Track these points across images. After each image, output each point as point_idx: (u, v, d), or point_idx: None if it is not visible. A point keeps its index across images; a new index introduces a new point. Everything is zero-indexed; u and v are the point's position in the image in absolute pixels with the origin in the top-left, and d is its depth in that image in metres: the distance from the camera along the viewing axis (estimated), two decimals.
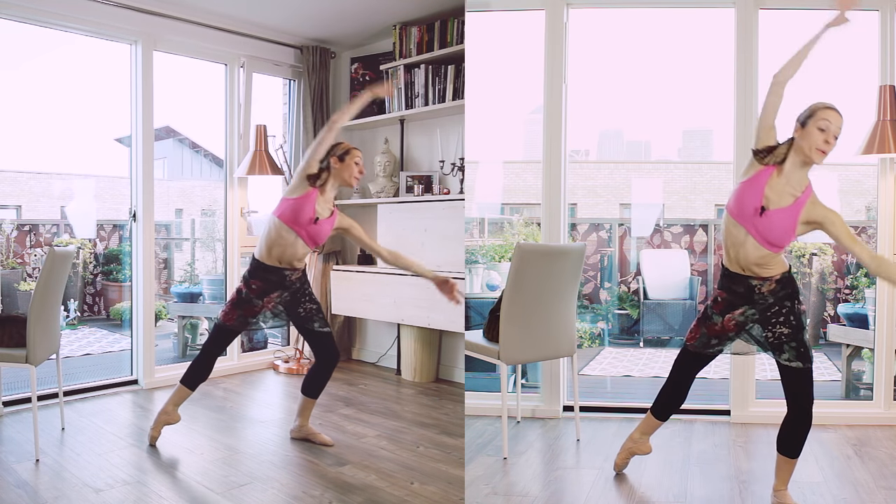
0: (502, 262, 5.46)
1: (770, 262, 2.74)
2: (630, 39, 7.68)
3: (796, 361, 2.74)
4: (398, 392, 4.53)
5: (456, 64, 4.55)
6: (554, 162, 4.11)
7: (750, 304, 2.81)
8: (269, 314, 3.43)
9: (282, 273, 3.35)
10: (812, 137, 2.62)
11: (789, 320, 2.76)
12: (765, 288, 2.76)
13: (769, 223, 2.66)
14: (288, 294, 3.40)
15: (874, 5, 3.92)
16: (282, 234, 3.27)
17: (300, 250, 3.32)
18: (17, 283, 6.67)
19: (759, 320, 2.82)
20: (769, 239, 2.68)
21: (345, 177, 3.30)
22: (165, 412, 3.49)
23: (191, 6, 4.56)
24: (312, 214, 3.25)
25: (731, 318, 2.86)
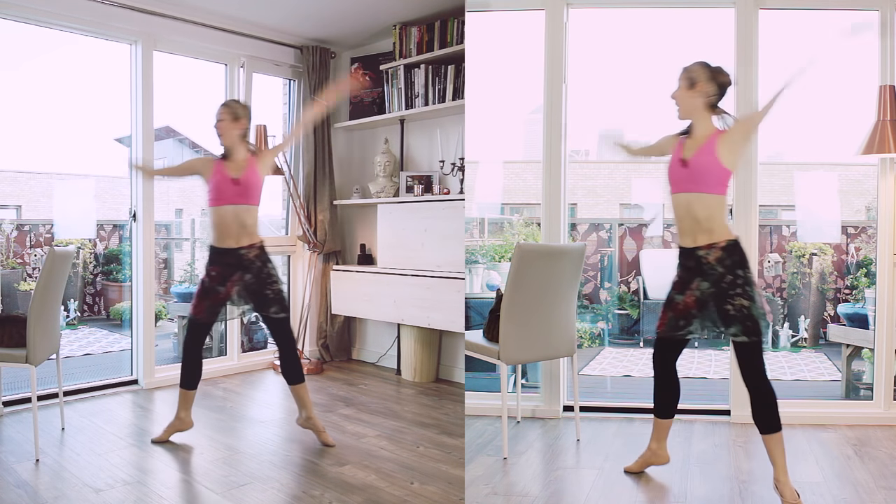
0: (502, 262, 5.46)
1: (717, 221, 2.84)
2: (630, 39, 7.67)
3: (742, 336, 2.82)
4: (398, 392, 4.53)
5: (456, 64, 4.55)
6: (554, 162, 4.11)
7: (702, 276, 2.89)
8: (236, 299, 3.40)
9: (237, 254, 3.36)
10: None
11: (746, 292, 2.82)
12: (711, 256, 2.85)
13: (696, 167, 2.85)
14: (251, 275, 3.39)
15: (874, 5, 3.92)
16: (218, 213, 3.34)
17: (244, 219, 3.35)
18: (17, 283, 6.68)
19: (716, 294, 2.86)
20: (702, 180, 2.84)
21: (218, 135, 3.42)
22: (179, 419, 3.53)
23: (191, 6, 4.56)
24: (229, 179, 3.32)
25: (690, 293, 2.93)
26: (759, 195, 4.03)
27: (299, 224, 5.28)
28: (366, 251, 5.28)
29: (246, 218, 3.37)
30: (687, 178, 2.88)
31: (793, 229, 7.47)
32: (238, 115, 3.41)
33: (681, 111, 2.94)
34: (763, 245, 7.32)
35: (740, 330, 2.82)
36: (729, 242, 2.85)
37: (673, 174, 2.94)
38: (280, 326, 3.45)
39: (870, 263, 6.57)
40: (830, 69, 5.28)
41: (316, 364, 5.09)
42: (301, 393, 3.51)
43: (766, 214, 8.87)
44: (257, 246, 3.41)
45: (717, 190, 2.85)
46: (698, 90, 2.88)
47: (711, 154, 2.84)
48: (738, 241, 2.87)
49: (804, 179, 8.90)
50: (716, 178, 2.84)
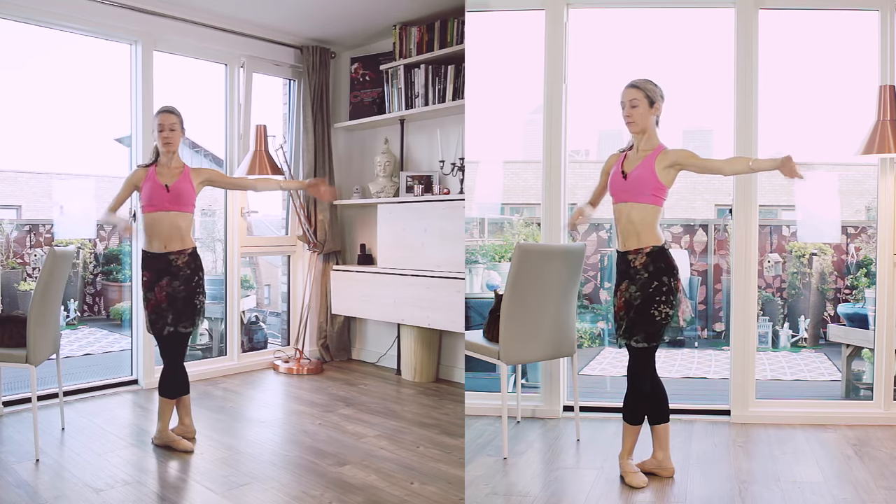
0: (502, 262, 5.46)
1: (646, 230, 2.99)
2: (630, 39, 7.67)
3: (643, 343, 3.01)
4: (398, 392, 4.53)
5: (456, 64, 4.55)
6: (554, 162, 4.11)
7: (630, 280, 3.02)
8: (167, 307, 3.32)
9: (166, 259, 3.35)
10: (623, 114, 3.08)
11: (670, 300, 2.97)
12: (637, 262, 3.00)
13: (634, 179, 3.02)
14: (179, 283, 3.35)
15: (874, 5, 3.92)
16: (149, 218, 3.35)
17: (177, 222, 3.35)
18: (17, 283, 6.67)
19: (642, 297, 2.98)
20: (640, 191, 3.00)
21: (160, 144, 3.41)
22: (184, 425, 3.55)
23: (191, 6, 4.56)
24: (160, 186, 3.34)
25: (621, 295, 3.07)
26: (759, 195, 4.03)
27: (299, 224, 5.28)
28: (366, 251, 5.28)
29: (178, 221, 3.37)
30: (625, 189, 3.05)
31: (793, 229, 7.47)
32: (181, 124, 3.45)
33: (637, 126, 3.06)
34: (763, 245, 7.32)
35: (642, 337, 3.00)
36: (654, 248, 3.00)
37: (614, 186, 3.11)
38: (183, 340, 3.43)
39: (870, 263, 6.57)
40: (830, 69, 5.27)
41: (316, 364, 5.09)
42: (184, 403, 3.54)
43: (766, 214, 8.87)
44: (188, 252, 3.39)
45: (652, 201, 3.02)
46: (655, 108, 3.06)
47: (650, 169, 3.01)
48: (663, 247, 3.03)
49: (804, 179, 8.89)
50: (651, 189, 3.00)
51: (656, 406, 3.18)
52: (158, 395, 3.48)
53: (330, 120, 5.33)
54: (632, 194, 3.03)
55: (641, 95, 3.04)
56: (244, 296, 5.52)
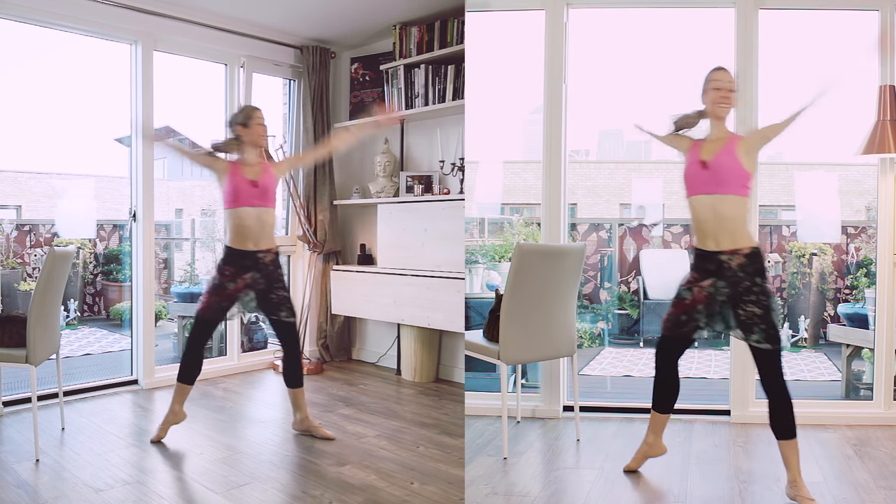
0: (502, 262, 5.46)
1: (741, 225, 2.86)
2: (630, 39, 7.68)
3: (766, 343, 2.84)
4: (398, 392, 4.53)
5: (456, 64, 4.55)
6: (554, 162, 4.11)
7: (719, 278, 2.90)
8: (244, 298, 3.44)
9: (254, 256, 3.41)
10: (710, 96, 2.95)
11: (760, 300, 2.84)
12: (734, 262, 2.86)
13: (716, 168, 2.86)
14: (261, 276, 3.43)
15: (874, 5, 3.92)
16: (238, 215, 3.37)
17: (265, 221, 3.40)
18: (17, 283, 6.67)
19: (731, 296, 2.88)
20: (725, 180, 2.85)
21: (253, 139, 3.42)
22: (173, 412, 3.55)
23: (191, 6, 4.56)
24: (245, 181, 3.36)
25: (700, 289, 2.94)
26: (759, 195, 4.03)
27: (299, 224, 5.28)
28: (366, 251, 5.28)
29: (267, 219, 3.42)
30: (708, 179, 2.88)
31: (793, 229, 7.47)
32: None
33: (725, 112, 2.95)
34: (763, 245, 7.32)
35: (763, 337, 2.84)
36: (752, 250, 2.87)
37: (691, 176, 2.94)
38: (291, 331, 3.51)
39: (870, 263, 6.57)
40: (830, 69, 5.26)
41: (316, 364, 5.09)
42: (298, 396, 3.57)
43: (766, 214, 8.88)
44: (273, 251, 3.48)
45: (740, 191, 2.86)
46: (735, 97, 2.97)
47: (732, 155, 2.87)
48: (759, 248, 2.90)
49: (804, 179, 8.90)
50: (738, 178, 2.86)
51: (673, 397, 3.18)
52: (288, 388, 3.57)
53: (330, 120, 5.33)
54: (717, 185, 2.85)
55: (732, 81, 2.95)
56: None
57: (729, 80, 2.94)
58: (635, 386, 5.53)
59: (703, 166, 2.89)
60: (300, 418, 3.59)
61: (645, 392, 3.36)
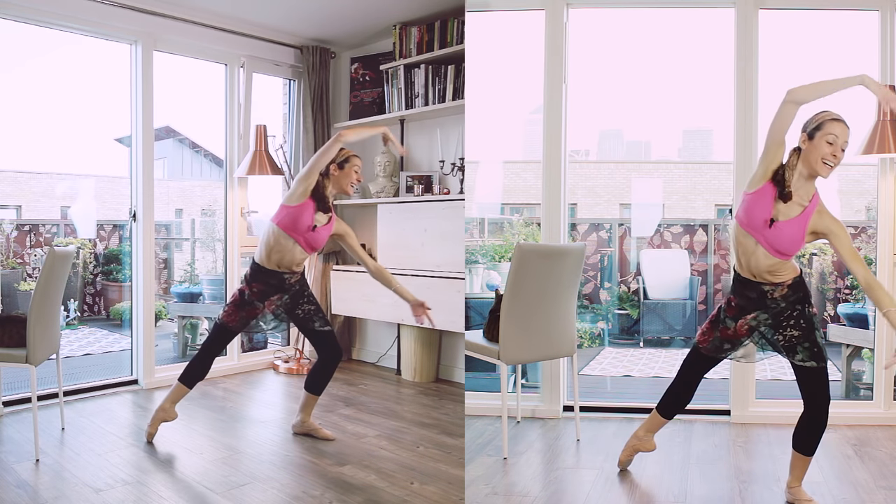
0: (502, 262, 5.46)
1: (781, 268, 2.78)
2: (630, 39, 7.67)
3: (810, 361, 2.84)
4: (398, 392, 4.53)
5: (456, 64, 4.55)
6: (554, 162, 4.11)
7: (763, 310, 2.86)
8: (270, 316, 3.49)
9: (281, 277, 3.41)
10: (820, 150, 2.65)
11: (800, 323, 2.82)
12: (777, 293, 2.82)
13: (778, 234, 2.69)
14: (288, 297, 3.46)
15: (874, 5, 3.92)
16: (280, 240, 3.33)
17: (298, 256, 3.39)
18: (17, 283, 6.67)
19: (772, 324, 2.87)
20: (779, 248, 2.72)
21: (343, 185, 3.40)
22: (163, 409, 3.52)
23: (191, 6, 4.56)
24: (311, 223, 3.32)
25: (743, 322, 2.91)
26: None
27: None
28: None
29: (299, 256, 3.41)
30: (766, 235, 2.71)
31: None
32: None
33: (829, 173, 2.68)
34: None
35: (807, 356, 2.85)
36: (795, 280, 2.82)
37: (753, 221, 2.73)
38: (328, 339, 3.52)
39: (870, 263, 6.57)
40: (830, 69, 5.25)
41: None
42: (311, 402, 3.59)
43: None
44: (299, 273, 3.49)
45: (785, 258, 2.75)
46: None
47: (802, 228, 2.70)
48: (801, 277, 2.84)
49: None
50: (792, 250, 2.73)
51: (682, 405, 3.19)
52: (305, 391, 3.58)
53: (330, 120, 5.33)
54: (770, 246, 2.72)
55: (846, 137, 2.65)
56: None
57: (846, 137, 2.65)
58: (635, 386, 5.53)
59: (768, 223, 2.69)
60: (302, 420, 3.60)
61: (645, 392, 3.36)
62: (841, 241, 2.70)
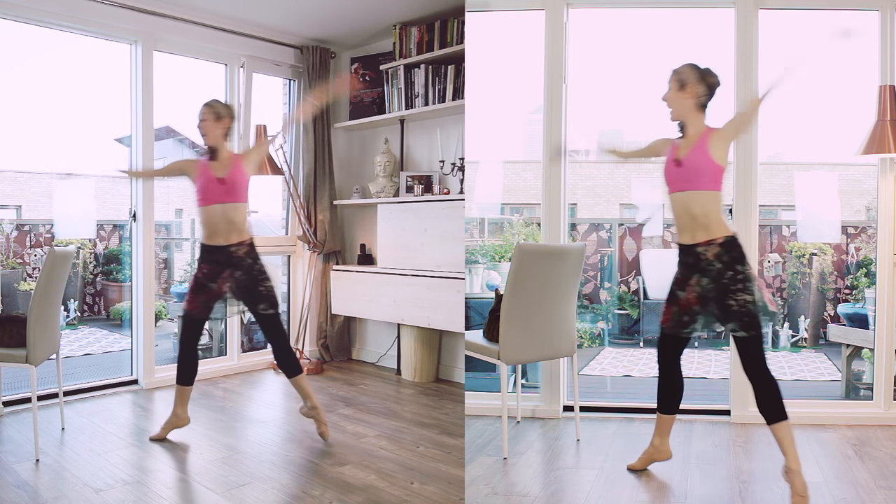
0: (502, 262, 5.46)
1: (713, 220, 2.89)
2: (630, 39, 7.67)
3: (741, 331, 2.87)
4: (398, 392, 4.53)
5: (456, 64, 4.55)
6: (554, 162, 4.11)
7: (701, 273, 2.94)
8: (229, 297, 3.44)
9: (227, 251, 3.40)
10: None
11: (748, 287, 2.87)
12: (709, 253, 2.91)
13: (689, 165, 2.92)
14: (242, 272, 3.42)
15: (874, 5, 3.92)
16: (208, 213, 3.38)
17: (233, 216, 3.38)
18: (17, 283, 6.68)
19: (718, 290, 2.91)
20: (697, 176, 2.90)
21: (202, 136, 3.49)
22: (176, 415, 3.56)
23: (191, 6, 4.56)
24: (214, 178, 3.37)
25: (690, 289, 2.99)
26: (759, 195, 4.03)
27: (299, 224, 5.28)
28: (366, 251, 5.28)
29: (234, 215, 3.41)
30: (681, 176, 2.94)
31: (793, 229, 7.47)
32: (220, 115, 3.46)
33: (673, 113, 3.01)
34: (763, 245, 7.32)
35: (738, 325, 2.87)
36: (727, 238, 2.91)
37: (668, 174, 3.01)
38: (271, 323, 3.47)
39: (870, 263, 6.57)
40: (830, 69, 5.27)
41: (316, 364, 5.09)
42: (301, 384, 3.54)
43: (766, 214, 8.87)
44: (247, 243, 3.45)
45: (712, 186, 2.91)
46: (689, 91, 2.96)
47: (704, 152, 2.91)
48: (735, 236, 2.93)
49: (804, 179, 8.90)
50: (709, 174, 2.90)
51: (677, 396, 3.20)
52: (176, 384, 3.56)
53: (330, 120, 5.33)
54: (689, 182, 2.92)
55: (674, 79, 2.98)
56: None
57: (674, 80, 2.99)
58: (635, 386, 5.53)
59: (677, 164, 2.96)
60: (310, 405, 3.55)
61: (645, 392, 3.36)
62: (731, 127, 2.94)
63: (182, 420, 3.57)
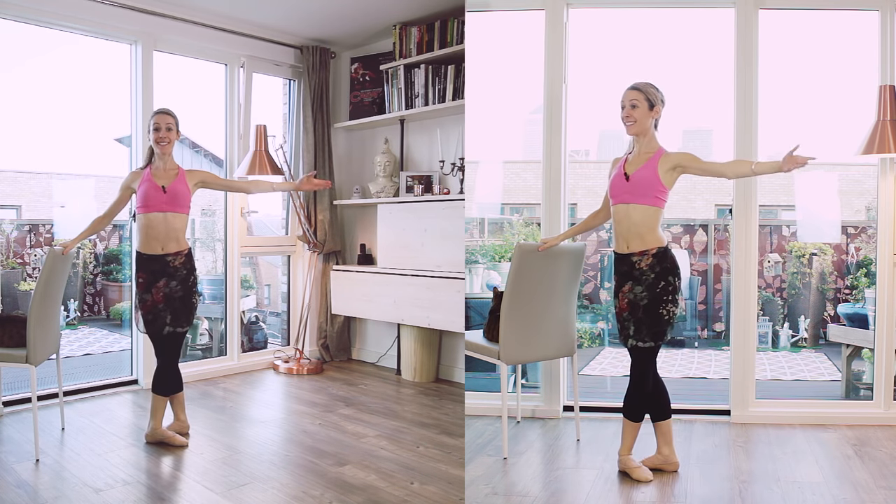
0: (502, 262, 5.46)
1: (649, 231, 3.03)
2: (630, 39, 7.66)
3: (650, 342, 3.05)
4: (398, 392, 4.53)
5: (456, 64, 4.55)
6: (554, 162, 4.11)
7: (634, 281, 3.06)
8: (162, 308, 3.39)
9: (163, 260, 3.40)
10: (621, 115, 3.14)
11: (675, 299, 3.04)
12: (643, 262, 3.04)
13: (637, 181, 3.05)
14: (177, 284, 3.42)
15: (874, 5, 3.92)
16: (148, 220, 3.37)
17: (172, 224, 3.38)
18: (17, 283, 6.67)
19: (649, 299, 3.03)
20: (642, 192, 3.03)
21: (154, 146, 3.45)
22: (179, 420, 3.60)
23: (191, 6, 4.56)
24: (157, 187, 3.36)
25: (623, 296, 3.10)
26: (759, 195, 4.03)
27: (299, 224, 5.28)
28: (366, 251, 5.28)
29: (175, 223, 3.41)
30: (627, 190, 3.08)
31: (793, 229, 7.47)
32: (176, 126, 3.46)
33: (635, 128, 3.11)
34: (763, 245, 7.32)
35: (650, 336, 3.05)
36: (659, 249, 3.05)
37: (614, 187, 3.13)
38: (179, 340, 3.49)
39: (870, 263, 6.57)
40: (830, 69, 5.27)
41: (316, 364, 5.09)
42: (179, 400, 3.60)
43: (766, 214, 8.87)
44: (184, 253, 3.45)
45: (653, 202, 3.05)
46: (655, 111, 3.11)
47: (653, 170, 3.05)
48: (667, 248, 3.08)
49: (804, 179, 8.90)
50: (654, 192, 3.04)
51: (660, 403, 3.22)
52: (152, 393, 3.50)
53: (330, 120, 5.33)
54: (634, 195, 3.06)
55: (642, 97, 3.09)
56: (244, 296, 5.52)
57: (631, 98, 3.09)
58: None
59: (625, 178, 3.09)
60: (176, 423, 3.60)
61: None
62: (692, 160, 3.06)
63: (183, 426, 3.60)
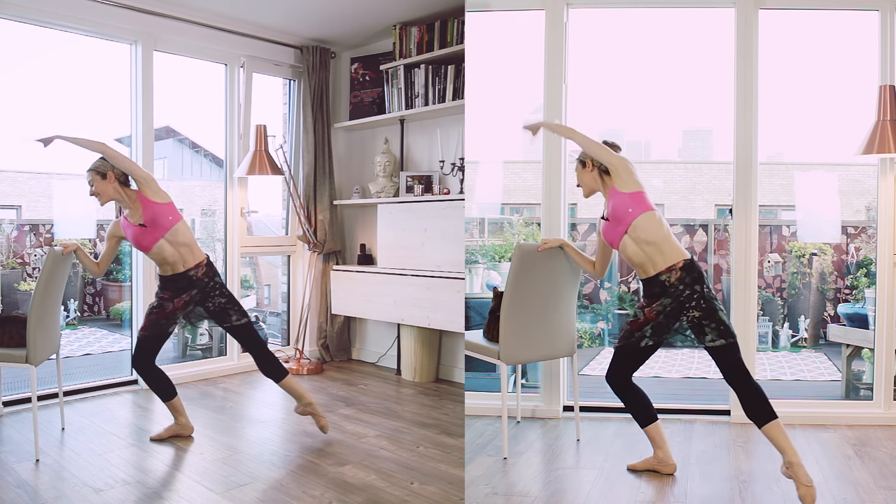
0: (502, 262, 5.46)
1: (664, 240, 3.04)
2: (630, 39, 7.67)
3: (719, 340, 2.97)
4: (398, 392, 4.53)
5: (456, 64, 4.55)
6: (554, 162, 4.11)
7: (666, 295, 3.04)
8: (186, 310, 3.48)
9: (186, 276, 3.45)
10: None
11: (700, 304, 3.00)
12: (673, 278, 3.03)
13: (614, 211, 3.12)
14: (197, 291, 3.47)
15: (874, 5, 3.92)
16: (154, 256, 3.43)
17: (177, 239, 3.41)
18: (17, 283, 6.68)
19: (674, 307, 3.03)
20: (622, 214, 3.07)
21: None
22: (179, 424, 3.59)
23: (191, 6, 4.56)
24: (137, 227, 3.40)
25: (651, 309, 3.09)
26: (759, 195, 4.03)
27: (299, 224, 5.28)
28: (366, 251, 5.28)
29: (177, 241, 3.43)
30: (614, 225, 3.11)
31: (793, 229, 7.47)
32: (104, 172, 3.41)
33: (586, 189, 3.27)
34: (763, 245, 7.32)
35: (715, 335, 2.97)
36: (685, 262, 3.04)
37: (606, 233, 3.18)
38: (246, 332, 3.52)
39: (870, 263, 6.57)
40: (830, 69, 5.27)
41: (316, 364, 5.09)
42: (291, 385, 3.56)
43: (766, 214, 8.87)
44: (204, 264, 3.50)
45: (642, 210, 3.05)
46: (589, 167, 3.22)
47: (614, 192, 3.11)
48: (692, 260, 3.07)
49: (804, 179, 8.90)
50: (632, 204, 3.06)
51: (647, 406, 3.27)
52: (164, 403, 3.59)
53: (330, 120, 5.33)
54: (621, 222, 3.08)
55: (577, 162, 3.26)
56: (244, 296, 5.53)
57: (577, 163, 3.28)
58: None
59: (606, 220, 3.16)
60: (305, 403, 3.57)
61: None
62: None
63: (186, 429, 3.59)
